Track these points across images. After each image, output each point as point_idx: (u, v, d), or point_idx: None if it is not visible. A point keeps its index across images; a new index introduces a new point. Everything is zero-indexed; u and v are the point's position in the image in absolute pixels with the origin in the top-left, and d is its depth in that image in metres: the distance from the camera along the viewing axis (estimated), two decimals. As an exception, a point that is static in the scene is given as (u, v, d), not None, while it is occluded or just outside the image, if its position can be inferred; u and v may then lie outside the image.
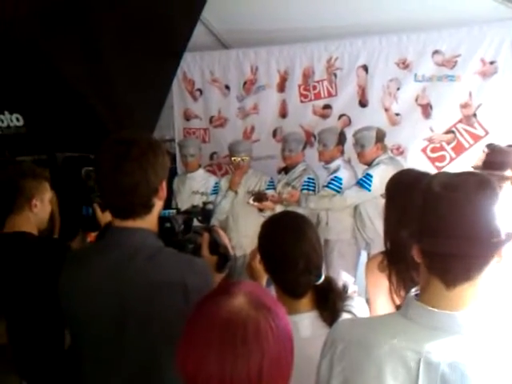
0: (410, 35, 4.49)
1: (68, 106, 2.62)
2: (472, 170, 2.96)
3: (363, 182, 3.97)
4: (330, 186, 4.18)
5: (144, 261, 1.50)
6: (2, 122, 2.82)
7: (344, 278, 2.02)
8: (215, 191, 4.66)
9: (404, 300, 1.24)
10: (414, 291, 1.22)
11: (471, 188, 1.12)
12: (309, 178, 4.37)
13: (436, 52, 4.42)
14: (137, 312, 1.48)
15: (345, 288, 1.83)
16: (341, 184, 4.16)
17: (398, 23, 4.34)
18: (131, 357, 1.50)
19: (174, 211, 1.88)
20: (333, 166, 4.29)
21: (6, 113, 2.78)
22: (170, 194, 4.79)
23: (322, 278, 1.66)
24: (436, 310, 1.12)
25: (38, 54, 2.45)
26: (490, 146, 3.17)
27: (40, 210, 2.38)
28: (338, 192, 4.13)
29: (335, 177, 4.19)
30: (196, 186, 4.66)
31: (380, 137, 4.07)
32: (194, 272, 1.52)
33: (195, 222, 1.96)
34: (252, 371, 0.97)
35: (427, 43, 4.44)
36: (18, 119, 2.77)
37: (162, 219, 1.67)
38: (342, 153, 4.37)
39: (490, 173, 2.77)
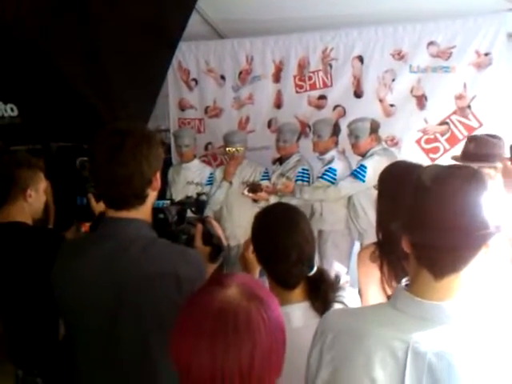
0: (406, 26, 4.49)
1: (62, 96, 2.62)
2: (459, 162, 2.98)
3: (357, 173, 3.99)
4: (325, 177, 4.19)
5: (138, 252, 1.51)
6: (-4, 111, 2.81)
7: (337, 268, 2.04)
8: (210, 182, 4.67)
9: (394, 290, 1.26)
10: (404, 282, 1.24)
11: (460, 181, 1.13)
12: (303, 169, 4.38)
13: (431, 43, 4.43)
14: (130, 302, 1.49)
15: (337, 278, 1.84)
16: (335, 175, 4.17)
17: (394, 14, 4.34)
18: (124, 347, 1.52)
19: (168, 202, 1.89)
20: (327, 157, 4.30)
21: (1, 103, 2.77)
22: (165, 184, 4.80)
23: (315, 269, 1.68)
24: (424, 300, 1.14)
25: (33, 47, 2.45)
26: (475, 138, 3.18)
27: (35, 199, 2.38)
28: (333, 183, 4.14)
29: (329, 168, 4.21)
30: (191, 177, 4.67)
31: (374, 128, 4.08)
32: (187, 263, 1.53)
33: (189, 213, 1.97)
34: (243, 361, 0.98)
35: (422, 34, 4.45)
36: (12, 109, 2.76)
37: (155, 210, 1.68)
38: (337, 144, 4.38)
39: (481, 165, 2.80)
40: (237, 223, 4.54)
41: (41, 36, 2.42)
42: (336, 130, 4.34)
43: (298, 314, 1.62)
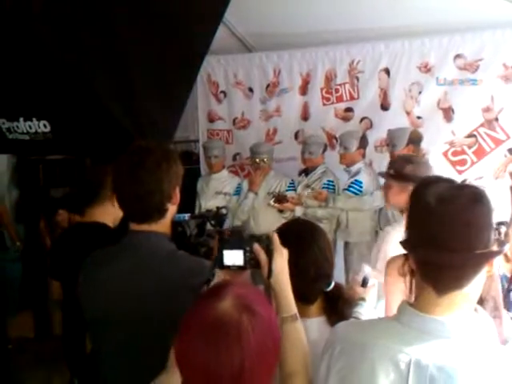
0: (433, 39, 4.50)
1: (92, 113, 2.72)
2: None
3: None
4: (350, 189, 4.22)
5: (157, 264, 1.59)
6: (30, 128, 2.93)
7: (366, 270, 2.07)
8: (238, 192, 4.76)
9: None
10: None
11: (464, 201, 1.16)
12: (328, 181, 4.43)
13: (458, 56, 4.43)
14: (152, 313, 1.56)
15: (365, 280, 1.92)
16: (361, 187, 4.19)
17: (421, 27, 4.36)
18: (147, 358, 1.56)
19: (188, 215, 1.96)
20: (354, 169, 4.33)
21: (34, 119, 2.89)
22: (195, 195, 4.90)
23: (332, 285, 1.72)
24: (427, 315, 1.18)
25: (63, 65, 2.55)
26: (411, 160, 3.12)
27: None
28: (358, 195, 4.16)
29: (355, 180, 4.23)
30: (220, 187, 4.77)
31: (413, 138, 4.06)
32: (204, 274, 1.58)
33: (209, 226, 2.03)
34: (234, 366, 1.08)
35: (449, 47, 4.45)
36: (45, 125, 2.88)
37: (174, 223, 1.75)
38: (364, 156, 4.40)
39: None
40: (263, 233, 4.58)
41: (73, 54, 2.52)
42: (363, 143, 4.36)
43: (315, 328, 1.67)
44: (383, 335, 1.22)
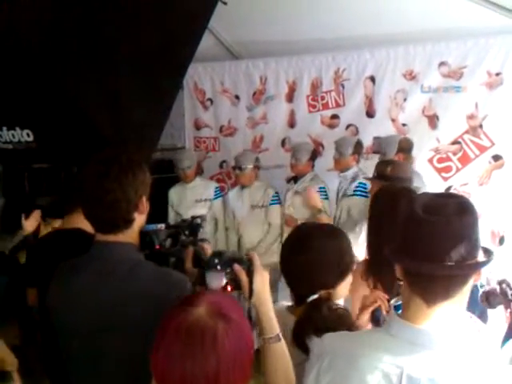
0: (417, 47, 4.53)
1: (75, 123, 2.71)
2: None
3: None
4: (357, 192, 4.15)
5: (123, 273, 1.59)
6: (14, 137, 2.91)
7: None
8: (217, 195, 4.77)
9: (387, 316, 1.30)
10: (393, 302, 1.28)
11: (451, 211, 1.16)
12: (320, 188, 4.40)
13: (442, 63, 4.46)
14: (116, 322, 1.56)
15: None
16: (366, 188, 4.15)
17: (405, 35, 4.38)
18: (111, 365, 1.60)
19: (162, 225, 1.94)
20: (349, 173, 4.26)
21: (18, 128, 2.88)
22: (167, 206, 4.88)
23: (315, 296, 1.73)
24: (417, 326, 1.18)
25: (48, 74, 2.54)
26: (391, 162, 3.37)
27: None
28: (367, 197, 4.12)
29: (359, 183, 4.16)
30: (198, 195, 4.74)
31: (403, 146, 4.07)
32: (169, 285, 1.59)
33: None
34: (210, 374, 1.11)
35: (434, 55, 4.49)
36: (28, 135, 2.87)
37: (142, 233, 1.73)
38: (358, 162, 4.37)
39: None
40: (249, 247, 4.61)
41: (56, 64, 2.51)
42: (358, 148, 4.34)
43: None
44: (372, 347, 1.21)
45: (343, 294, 1.80)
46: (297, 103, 5.13)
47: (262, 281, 1.47)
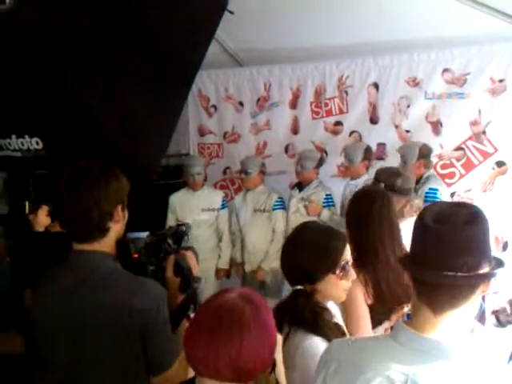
0: (421, 54, 4.55)
1: (85, 131, 2.73)
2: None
3: (433, 197, 3.81)
4: None
5: (96, 282, 1.61)
6: (23, 145, 2.93)
7: None
8: (224, 206, 4.77)
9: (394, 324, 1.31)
10: (406, 310, 1.29)
11: (460, 220, 1.17)
12: (327, 195, 4.43)
13: (446, 70, 4.48)
14: (88, 330, 1.60)
15: None
16: None
17: (409, 42, 4.40)
18: (86, 372, 1.63)
19: (146, 233, 1.93)
20: (361, 181, 4.25)
21: (27, 136, 2.89)
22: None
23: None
24: (423, 335, 1.18)
25: (58, 83, 2.56)
26: (399, 173, 3.34)
27: None
28: None
29: None
30: (206, 203, 4.72)
31: (423, 153, 4.06)
32: (143, 294, 1.60)
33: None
34: (232, 350, 1.19)
35: (437, 61, 4.51)
36: (37, 143, 2.88)
37: (118, 242, 1.73)
38: (368, 168, 4.39)
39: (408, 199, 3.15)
40: (251, 250, 4.63)
41: (66, 74, 2.53)
42: (368, 155, 4.36)
43: None
44: (379, 354, 1.22)
45: (331, 295, 1.85)
46: (300, 110, 5.14)
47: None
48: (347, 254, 1.85)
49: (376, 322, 2.16)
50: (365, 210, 2.35)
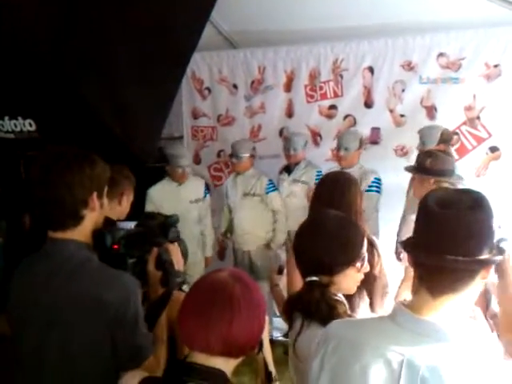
0: (416, 38, 4.54)
1: (78, 113, 2.70)
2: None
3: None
4: (371, 189, 4.12)
5: (66, 273, 1.58)
6: (16, 126, 2.90)
7: (282, 258, 2.35)
8: (206, 194, 4.66)
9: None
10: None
11: (464, 206, 1.18)
12: (318, 172, 4.47)
13: (441, 54, 4.48)
14: (58, 321, 1.57)
15: (281, 268, 2.58)
16: (380, 184, 4.15)
17: (404, 26, 4.39)
18: (53, 364, 1.60)
19: (133, 224, 1.90)
20: (355, 170, 4.10)
21: (20, 118, 2.86)
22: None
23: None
24: (421, 317, 1.20)
25: (52, 66, 2.53)
26: (431, 153, 3.29)
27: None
28: (379, 193, 4.14)
29: (375, 178, 4.15)
30: (193, 195, 4.52)
31: (444, 138, 4.00)
32: (114, 287, 1.57)
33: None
34: (223, 325, 1.24)
35: (432, 46, 4.50)
36: (30, 124, 2.85)
37: (95, 232, 1.68)
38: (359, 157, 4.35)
39: (438, 179, 3.11)
40: (245, 231, 4.64)
41: (59, 56, 2.50)
42: (362, 144, 4.34)
43: None
44: (377, 334, 1.24)
45: (346, 287, 1.78)
46: (295, 93, 5.11)
47: None
48: (365, 247, 1.81)
49: None
50: (328, 193, 2.47)
